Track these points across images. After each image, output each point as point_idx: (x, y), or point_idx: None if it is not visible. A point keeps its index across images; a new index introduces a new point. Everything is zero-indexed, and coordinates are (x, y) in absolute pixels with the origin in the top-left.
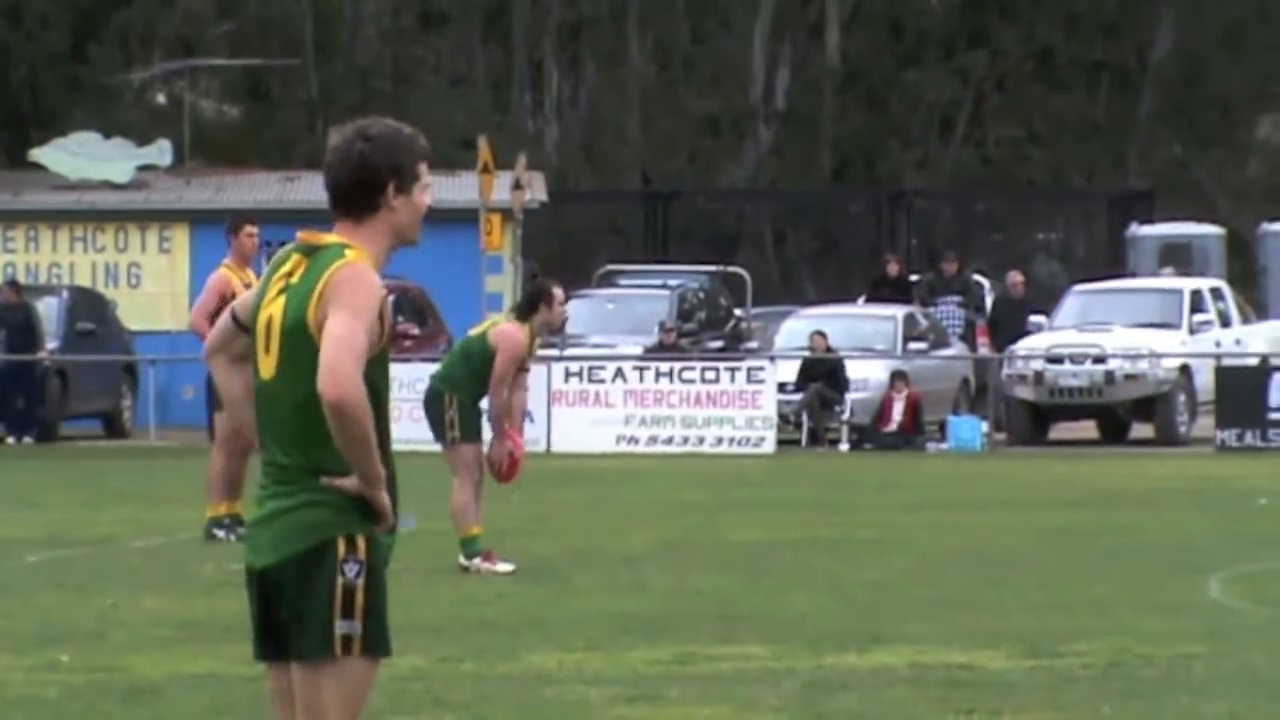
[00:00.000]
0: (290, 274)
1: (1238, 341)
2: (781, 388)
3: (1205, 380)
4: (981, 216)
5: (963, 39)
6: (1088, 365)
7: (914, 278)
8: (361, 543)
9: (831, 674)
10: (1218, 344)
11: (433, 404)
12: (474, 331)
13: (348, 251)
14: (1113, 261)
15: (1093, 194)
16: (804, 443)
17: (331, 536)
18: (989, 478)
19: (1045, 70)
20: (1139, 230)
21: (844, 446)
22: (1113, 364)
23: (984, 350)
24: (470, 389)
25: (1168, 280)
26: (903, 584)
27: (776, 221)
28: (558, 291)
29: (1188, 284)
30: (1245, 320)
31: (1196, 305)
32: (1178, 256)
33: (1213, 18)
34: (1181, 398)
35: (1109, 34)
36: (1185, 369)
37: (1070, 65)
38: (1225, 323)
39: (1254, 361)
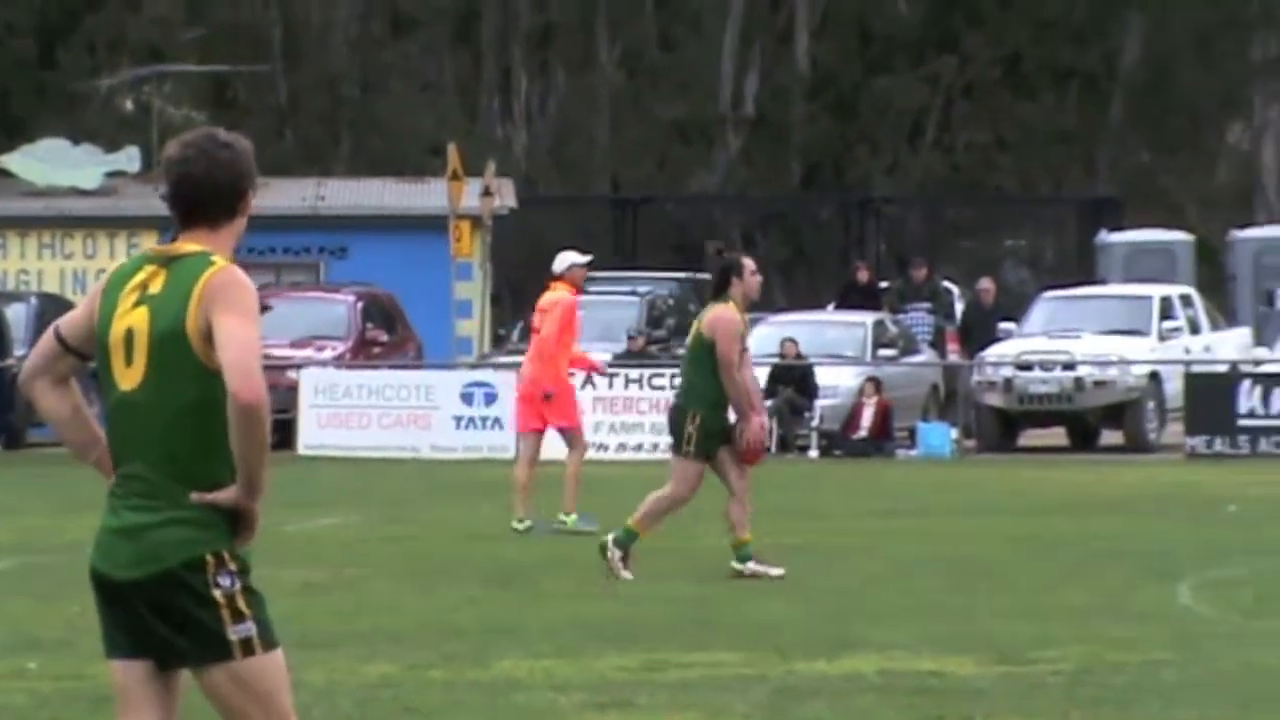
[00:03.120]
0: (145, 285)
1: (1207, 348)
2: None
3: (1175, 387)
4: (950, 223)
5: (931, 45)
6: (1057, 372)
7: (883, 284)
8: (227, 555)
9: (801, 681)
10: (1187, 351)
11: (676, 416)
12: (690, 339)
13: (214, 258)
14: (1082, 268)
15: (1062, 200)
16: (773, 449)
17: (200, 554)
18: (958, 485)
19: (1014, 76)
20: (1108, 237)
21: (813, 453)
22: (1082, 371)
23: (953, 357)
24: (713, 394)
25: (1137, 287)
26: (872, 591)
27: (745, 228)
28: (748, 261)
29: (1157, 291)
30: (1214, 327)
31: (1166, 312)
32: (1147, 263)
33: (1181, 25)
34: (1151, 405)
35: (1078, 40)
36: (1155, 376)
37: (1039, 71)
38: (1195, 330)
39: (1223, 368)
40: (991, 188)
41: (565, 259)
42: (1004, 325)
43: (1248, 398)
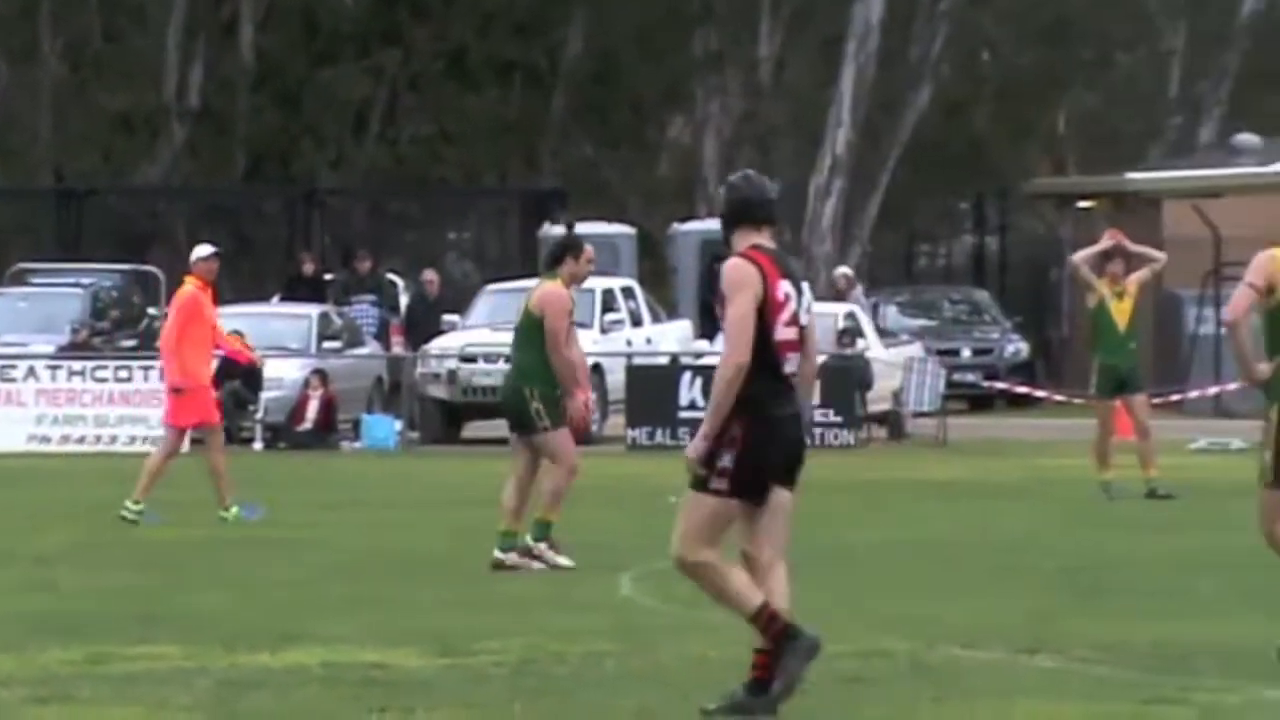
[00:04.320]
0: None
1: (649, 340)
2: None
3: (617, 379)
4: (395, 215)
5: (376, 38)
6: (500, 364)
7: (328, 276)
8: None
9: (245, 673)
10: (629, 343)
11: (513, 400)
12: (519, 317)
13: None
14: (525, 260)
15: (505, 193)
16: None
17: None
18: (403, 476)
19: (458, 69)
20: (551, 229)
21: (258, 445)
22: None
23: (398, 349)
24: (545, 370)
25: None
26: (317, 583)
27: (190, 220)
28: (588, 248)
29: (599, 283)
30: (656, 319)
31: (608, 304)
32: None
33: (624, 19)
34: (594, 396)
35: (521, 33)
36: (597, 368)
37: (483, 64)
38: (636, 322)
39: (664, 360)
40: (435, 180)
41: (195, 252)
42: (448, 318)
43: (689, 389)
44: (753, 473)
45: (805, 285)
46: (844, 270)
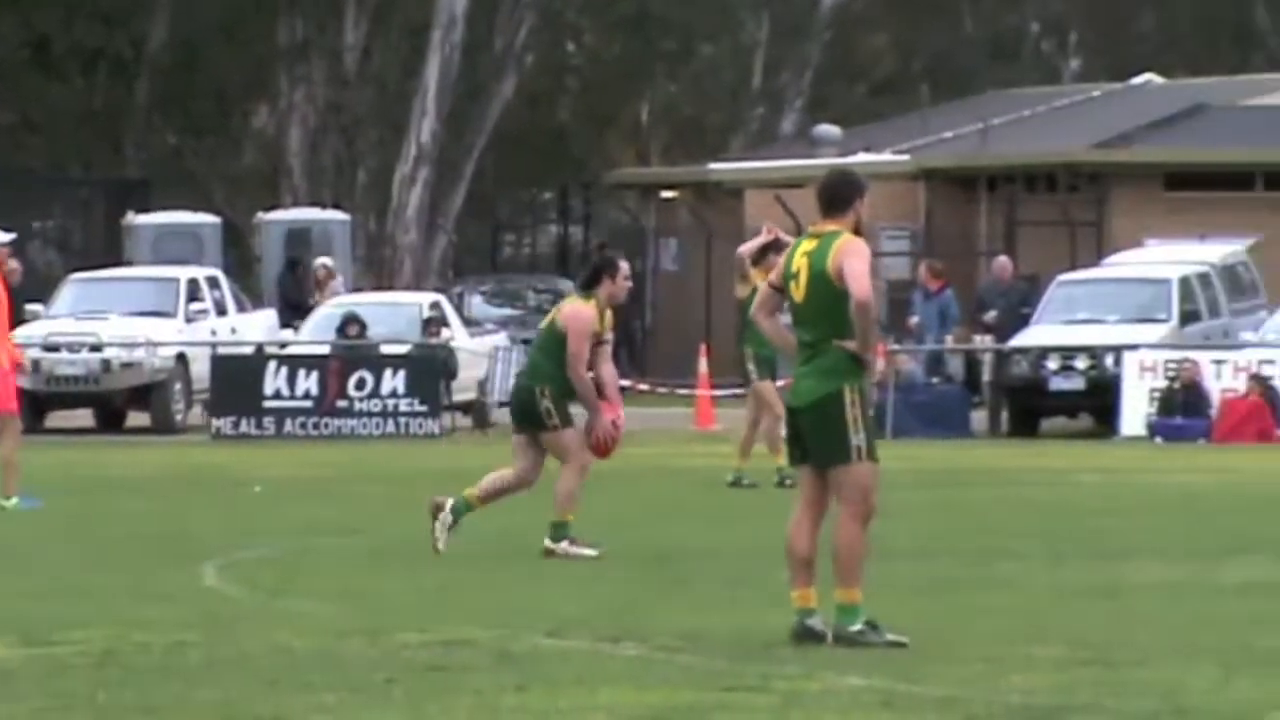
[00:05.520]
0: None
1: (234, 330)
2: None
3: (202, 368)
4: None
5: None
6: (84, 354)
7: None
8: None
9: None
10: (214, 332)
11: (524, 398)
12: (544, 324)
13: None
14: (110, 250)
15: (90, 182)
16: None
17: None
18: None
19: (42, 58)
20: (135, 219)
21: None
22: (109, 352)
23: None
24: (561, 382)
25: (164, 269)
26: None
27: None
28: (623, 265)
29: (184, 273)
30: (241, 309)
31: (193, 294)
32: (174, 245)
33: (207, 7)
34: (178, 386)
35: (105, 22)
36: (182, 357)
37: (67, 53)
38: (222, 311)
39: (249, 350)
40: (19, 169)
41: None
42: (31, 307)
43: (273, 379)
44: None
45: None
46: (324, 261)
